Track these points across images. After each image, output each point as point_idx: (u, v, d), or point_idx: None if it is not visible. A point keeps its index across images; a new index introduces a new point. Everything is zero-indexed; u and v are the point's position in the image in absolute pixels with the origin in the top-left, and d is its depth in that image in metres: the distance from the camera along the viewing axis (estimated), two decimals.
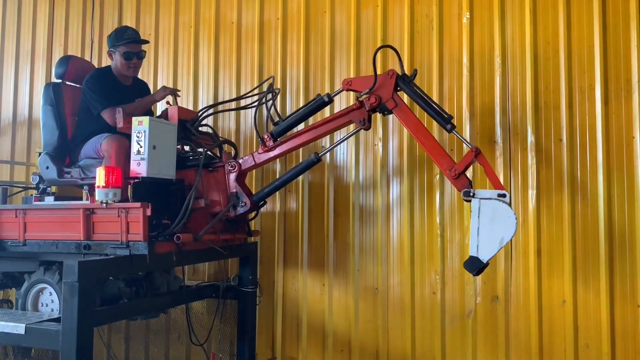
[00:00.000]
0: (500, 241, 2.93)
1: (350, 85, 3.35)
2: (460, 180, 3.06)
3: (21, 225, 3.53)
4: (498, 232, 2.92)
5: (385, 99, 3.25)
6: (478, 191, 3.00)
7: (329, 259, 4.35)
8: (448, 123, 3.16)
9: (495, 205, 2.93)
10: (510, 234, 2.91)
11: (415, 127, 3.20)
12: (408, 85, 3.24)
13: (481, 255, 2.96)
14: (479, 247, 2.96)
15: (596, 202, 3.63)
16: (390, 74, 3.25)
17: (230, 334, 4.45)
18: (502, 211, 2.92)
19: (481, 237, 2.95)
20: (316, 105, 3.52)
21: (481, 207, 2.96)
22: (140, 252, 3.16)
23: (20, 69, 5.89)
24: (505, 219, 2.90)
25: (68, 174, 3.71)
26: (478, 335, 3.88)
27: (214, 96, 4.89)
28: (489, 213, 2.94)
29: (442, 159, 3.12)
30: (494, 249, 2.94)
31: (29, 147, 5.69)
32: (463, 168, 3.05)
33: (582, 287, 3.65)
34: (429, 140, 3.17)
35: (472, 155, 3.06)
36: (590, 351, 3.61)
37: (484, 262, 2.96)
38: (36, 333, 3.00)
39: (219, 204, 3.62)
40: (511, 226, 2.90)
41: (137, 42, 3.80)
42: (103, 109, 3.60)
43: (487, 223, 2.94)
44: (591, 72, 3.71)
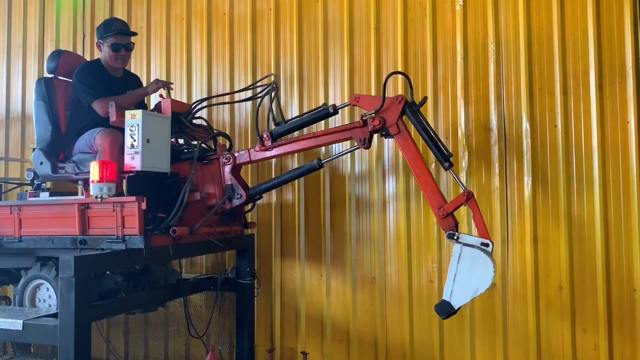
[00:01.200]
0: (474, 291, 2.92)
1: (358, 102, 3.29)
2: (447, 220, 3.05)
3: (16, 221, 3.52)
4: (474, 283, 2.91)
5: (389, 123, 3.19)
6: (463, 235, 2.99)
7: (326, 250, 4.36)
8: (447, 161, 3.12)
9: (476, 255, 2.92)
10: (485, 286, 2.90)
11: (414, 159, 3.15)
12: (414, 114, 3.18)
13: (453, 301, 2.96)
14: (452, 293, 2.96)
15: (592, 187, 3.63)
16: (399, 99, 3.18)
17: (229, 326, 4.45)
18: (482, 262, 2.90)
19: (457, 283, 2.95)
20: (321, 114, 3.51)
21: (462, 253, 2.95)
22: (136, 246, 3.15)
23: (12, 64, 5.84)
24: (484, 270, 2.89)
25: (62, 169, 3.69)
26: (476, 323, 3.90)
27: (208, 88, 4.87)
28: (469, 261, 2.93)
29: (433, 196, 3.09)
30: (467, 297, 2.94)
31: (23, 143, 5.66)
32: (452, 209, 3.03)
33: (578, 273, 3.66)
34: (424, 175, 3.12)
35: (463, 198, 3.02)
36: (588, 336, 3.63)
37: (455, 309, 2.96)
38: (34, 329, 3.00)
39: (214, 197, 3.61)
40: (488, 279, 2.88)
41: (125, 34, 3.76)
42: (93, 100, 3.57)
43: (465, 271, 2.93)
44: (585, 58, 3.70)
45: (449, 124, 4.02)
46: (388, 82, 3.19)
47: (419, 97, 3.72)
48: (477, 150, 3.94)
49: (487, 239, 2.95)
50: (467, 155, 3.95)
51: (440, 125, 4.04)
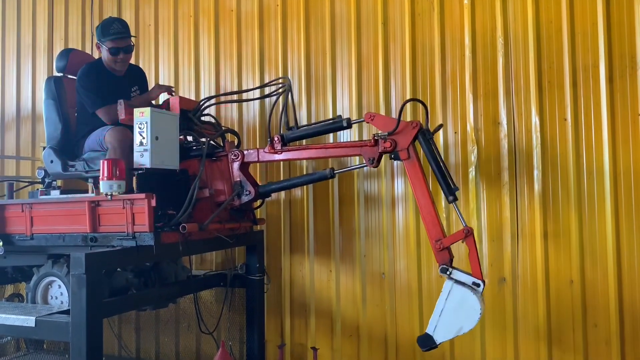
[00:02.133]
0: (458, 330, 2.94)
1: (372, 120, 3.26)
2: (443, 254, 3.04)
3: (28, 219, 3.55)
4: (459, 322, 2.93)
5: (400, 147, 3.16)
6: (455, 272, 2.98)
7: (335, 246, 4.36)
8: (452, 194, 3.09)
9: (465, 295, 2.93)
10: (470, 327, 2.92)
11: (420, 188, 3.12)
12: (427, 142, 3.14)
13: (436, 336, 2.98)
14: (436, 328, 2.97)
15: (602, 181, 3.60)
16: (414, 125, 3.14)
17: (240, 322, 4.47)
18: (470, 303, 2.91)
19: (442, 319, 2.96)
20: (334, 126, 3.53)
21: (452, 290, 2.96)
22: (146, 242, 3.17)
23: (22, 63, 5.89)
24: (470, 311, 2.91)
25: (73, 167, 3.72)
26: (486, 318, 3.88)
27: (216, 85, 4.88)
28: (457, 300, 2.94)
29: (432, 228, 3.07)
30: (450, 334, 2.96)
31: (34, 141, 5.70)
32: (449, 244, 3.04)
33: (589, 266, 3.64)
34: (427, 206, 3.10)
35: (462, 234, 3.02)
36: (599, 330, 3.61)
37: (436, 344, 2.98)
38: (46, 325, 3.03)
39: (223, 193, 3.62)
40: (473, 320, 2.90)
41: (123, 38, 3.72)
42: (97, 108, 3.59)
43: (452, 308, 2.94)
44: (595, 50, 3.66)
45: (458, 118, 4.00)
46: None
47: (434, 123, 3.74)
48: (486, 144, 3.92)
49: (480, 279, 2.96)
50: (476, 149, 3.93)
51: (449, 120, 4.02)
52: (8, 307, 3.41)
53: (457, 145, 3.99)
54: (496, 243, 3.86)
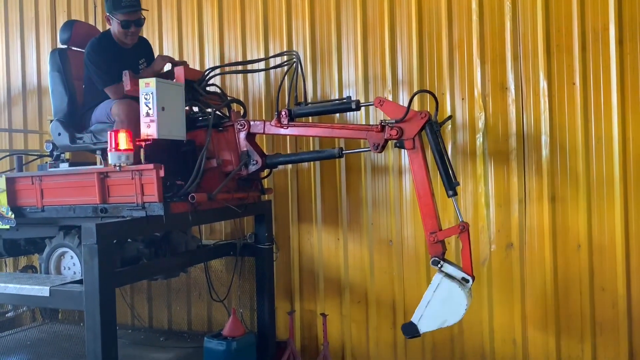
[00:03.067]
0: (442, 322, 3.00)
1: (382, 106, 3.22)
2: (436, 246, 3.07)
3: (38, 191, 3.59)
4: (444, 314, 2.99)
5: (406, 137, 3.12)
6: (446, 265, 3.03)
7: (343, 214, 4.39)
8: (452, 189, 3.07)
9: (453, 289, 2.97)
10: (454, 321, 2.99)
11: (421, 179, 3.11)
12: (434, 134, 3.10)
13: (420, 325, 3.04)
14: (421, 318, 3.04)
15: (611, 145, 3.58)
16: (423, 115, 3.08)
17: (250, 290, 4.54)
18: (457, 298, 2.96)
19: (427, 310, 3.02)
20: (343, 107, 3.53)
21: (441, 283, 3.00)
22: (156, 213, 3.21)
23: (25, 37, 5.86)
24: (456, 305, 2.96)
25: (80, 140, 3.73)
26: (493, 283, 3.92)
27: (220, 55, 4.85)
28: (445, 293, 2.99)
29: (429, 220, 3.09)
30: (434, 326, 3.03)
31: (41, 115, 5.72)
32: (443, 238, 3.07)
33: (597, 231, 3.65)
34: (426, 197, 3.10)
35: (457, 230, 3.04)
36: (606, 294, 3.63)
37: (419, 333, 3.05)
38: (60, 295, 3.09)
39: (230, 163, 3.63)
40: (458, 314, 2.96)
41: (135, 10, 3.68)
42: (105, 85, 3.58)
43: (438, 301, 3.00)
44: (605, 12, 3.60)
45: (465, 84, 3.96)
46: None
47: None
48: (493, 110, 3.89)
49: (470, 274, 3.00)
50: (484, 115, 3.90)
51: (456, 86, 3.99)
52: (23, 278, 3.47)
53: (465, 111, 3.97)
54: (503, 208, 3.87)
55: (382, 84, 4.22)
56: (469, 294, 3.01)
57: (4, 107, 5.95)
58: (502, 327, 3.91)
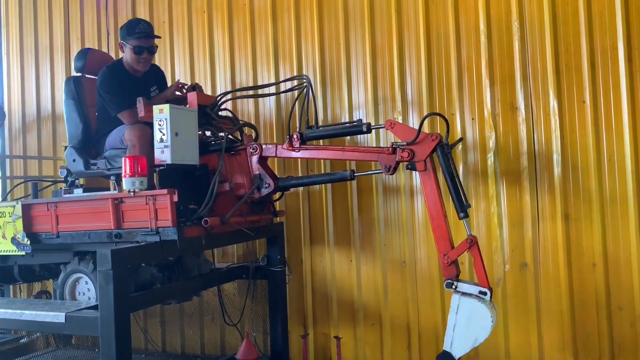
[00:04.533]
0: (474, 341, 2.96)
1: (393, 128, 3.25)
2: (450, 269, 3.07)
3: (53, 217, 3.62)
4: (473, 333, 2.96)
5: (417, 159, 3.14)
6: (461, 284, 3.02)
7: (355, 235, 4.38)
8: (463, 211, 3.08)
9: (473, 305, 2.96)
10: (484, 336, 2.94)
11: (433, 200, 3.12)
12: (445, 156, 3.12)
13: (454, 351, 3.00)
14: (452, 344, 3.00)
15: (623, 162, 3.57)
16: (434, 137, 3.10)
17: (263, 313, 4.53)
18: (480, 313, 2.94)
19: (456, 334, 2.99)
20: (354, 130, 3.56)
21: (460, 304, 2.99)
22: (170, 237, 3.22)
23: (40, 64, 5.97)
24: (482, 320, 2.93)
25: (94, 166, 3.78)
26: (508, 303, 3.88)
27: (231, 79, 4.91)
28: (467, 312, 2.98)
29: (442, 242, 3.09)
30: (467, 347, 2.98)
31: (55, 141, 5.79)
32: (455, 257, 3.06)
33: (612, 249, 3.61)
34: (439, 219, 3.10)
35: (466, 245, 3.03)
36: (624, 313, 3.59)
37: (456, 359, 3.00)
38: (76, 321, 3.10)
39: (243, 187, 3.66)
40: (486, 328, 2.92)
41: (148, 37, 3.76)
42: (119, 110, 3.63)
43: (463, 321, 2.98)
44: (613, 31, 3.61)
45: (475, 104, 3.98)
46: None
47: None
48: (504, 129, 3.90)
49: (486, 287, 2.98)
50: (494, 135, 3.91)
51: (466, 107, 4.00)
52: (38, 304, 3.49)
53: (475, 131, 3.97)
54: (517, 228, 3.85)
55: (392, 106, 4.25)
56: (492, 306, 2.98)
57: (19, 133, 6.04)
58: (519, 349, 3.86)
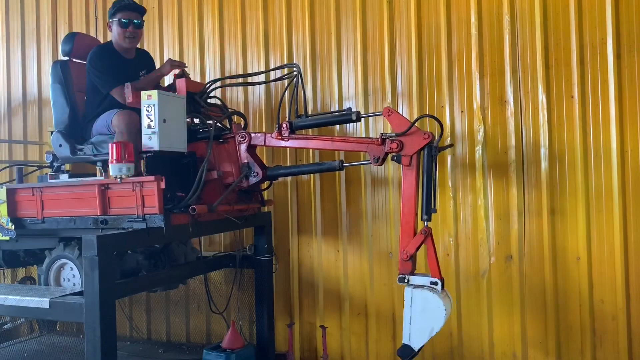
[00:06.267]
0: (430, 331, 3.02)
1: (390, 116, 3.21)
2: (406, 264, 3.11)
3: (39, 203, 3.59)
4: (428, 323, 3.02)
5: (405, 153, 3.13)
6: (412, 277, 3.08)
7: (342, 226, 4.39)
8: (428, 214, 3.10)
9: (426, 296, 3.02)
10: (440, 325, 3.01)
11: (408, 197, 3.13)
12: (430, 157, 3.10)
13: (413, 343, 3.06)
14: (410, 336, 3.06)
15: (609, 158, 3.60)
16: (426, 136, 3.08)
17: (249, 302, 4.54)
18: (433, 303, 3.00)
19: (413, 326, 3.05)
20: (343, 118, 3.55)
21: (413, 296, 3.05)
22: (156, 224, 3.21)
23: (26, 48, 5.88)
24: (436, 310, 3.00)
25: (81, 151, 3.74)
26: (493, 295, 3.92)
27: (221, 67, 4.87)
28: (420, 303, 3.03)
29: (406, 238, 3.13)
30: (425, 338, 3.04)
31: (41, 126, 5.72)
32: (414, 250, 3.11)
33: (596, 243, 3.66)
34: (410, 215, 3.13)
35: (422, 237, 3.08)
36: (606, 306, 3.64)
37: (416, 351, 3.07)
38: (60, 307, 3.09)
39: (231, 175, 3.65)
40: (441, 318, 2.99)
41: (133, 10, 3.73)
42: (111, 87, 3.59)
43: (418, 313, 3.04)
44: (603, 27, 3.63)
45: (465, 97, 3.99)
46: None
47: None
48: (492, 123, 3.91)
49: (438, 277, 3.03)
50: (483, 128, 3.93)
51: (455, 99, 4.01)
52: (22, 290, 3.46)
53: (464, 123, 3.99)
54: (503, 221, 3.88)
55: (382, 97, 4.25)
56: (444, 296, 3.05)
57: (4, 118, 5.96)
58: (502, 340, 3.90)
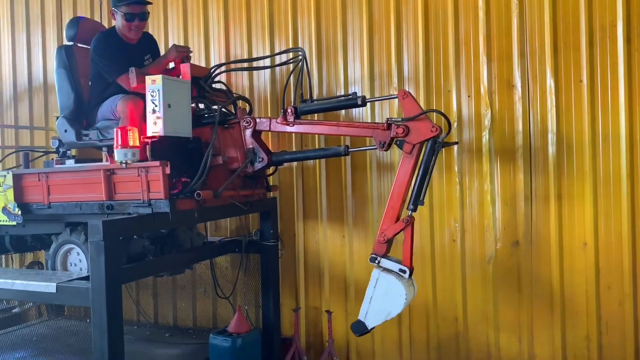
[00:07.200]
0: (386, 315, 3.09)
1: (404, 99, 3.16)
2: (382, 246, 3.14)
3: (45, 188, 3.60)
4: (387, 307, 3.08)
5: (409, 140, 3.10)
6: (383, 260, 3.12)
7: (348, 211, 4.38)
8: (414, 205, 3.12)
9: (391, 281, 3.07)
10: (397, 311, 3.07)
11: (400, 184, 3.14)
12: (432, 151, 3.08)
13: (367, 322, 3.13)
14: (367, 314, 3.13)
15: (618, 143, 3.56)
16: (434, 129, 3.04)
17: (255, 287, 4.55)
18: (396, 289, 3.05)
19: (371, 306, 3.11)
20: (348, 103, 3.49)
21: (379, 278, 3.10)
22: (162, 209, 3.21)
23: (31, 33, 5.87)
24: (397, 296, 3.05)
25: (86, 136, 3.73)
26: (499, 281, 3.91)
27: (226, 52, 4.84)
28: (384, 286, 3.08)
29: (388, 221, 3.15)
30: (380, 320, 3.11)
31: (47, 111, 5.73)
32: (392, 235, 3.14)
33: (603, 229, 3.63)
34: (397, 200, 3.14)
35: (402, 225, 3.10)
36: (612, 292, 3.62)
37: (368, 329, 3.14)
38: (67, 291, 3.11)
39: (236, 160, 3.63)
40: (400, 305, 3.04)
41: (139, 3, 3.68)
42: (117, 75, 3.55)
43: (380, 295, 3.09)
44: (612, 9, 3.57)
45: (472, 81, 3.95)
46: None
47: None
48: (499, 107, 3.88)
49: (408, 266, 3.06)
50: (490, 113, 3.89)
51: (462, 83, 3.97)
52: (29, 274, 3.49)
53: (471, 108, 3.95)
54: (509, 206, 3.86)
55: (388, 81, 4.21)
56: (409, 285, 3.10)
57: (10, 103, 5.97)
58: (508, 325, 3.90)
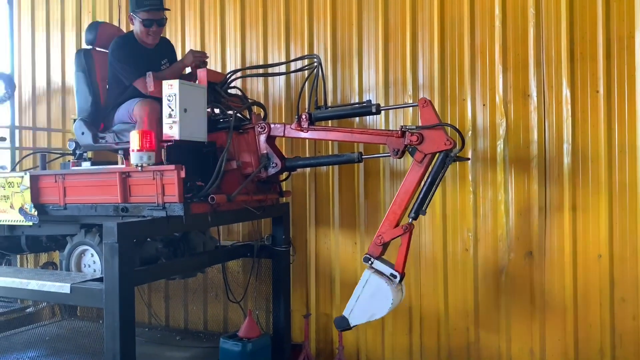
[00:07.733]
0: (370, 315, 3.16)
1: (424, 107, 3.17)
2: (377, 248, 3.18)
3: (61, 189, 3.65)
4: (372, 308, 3.14)
5: (422, 149, 3.11)
6: (377, 262, 3.15)
7: (360, 218, 4.38)
8: (416, 214, 3.15)
9: (380, 284, 3.11)
10: (381, 314, 3.14)
11: (406, 190, 3.16)
12: (442, 164, 3.11)
13: (351, 319, 3.20)
14: (352, 312, 3.19)
15: (634, 155, 3.53)
16: (448, 142, 3.06)
17: (266, 292, 4.56)
18: (383, 293, 3.10)
19: (357, 304, 3.17)
20: (362, 111, 3.53)
21: (369, 279, 3.15)
22: (176, 213, 3.24)
23: (51, 37, 5.96)
24: (383, 300, 3.10)
25: (103, 139, 3.78)
26: (512, 292, 3.88)
27: (242, 58, 4.88)
28: (373, 288, 3.13)
29: (386, 224, 3.18)
30: (363, 319, 3.19)
31: (64, 114, 5.81)
32: (389, 239, 3.18)
33: (618, 241, 3.59)
34: (400, 207, 3.16)
35: (401, 231, 3.13)
36: (627, 305, 3.58)
37: (351, 327, 3.22)
38: (81, 292, 3.14)
39: (250, 165, 3.66)
40: (385, 308, 3.10)
41: (157, 9, 3.73)
42: (135, 79, 3.60)
43: (367, 296, 3.14)
44: (631, 19, 3.55)
45: (487, 90, 3.94)
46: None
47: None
48: (515, 117, 3.86)
49: (400, 271, 3.09)
50: (505, 122, 3.87)
51: (477, 92, 3.96)
52: (44, 274, 3.53)
53: (486, 117, 3.94)
54: (523, 217, 3.83)
55: (403, 89, 4.22)
56: (398, 290, 3.12)
57: (29, 105, 6.06)
58: (520, 336, 3.87)
